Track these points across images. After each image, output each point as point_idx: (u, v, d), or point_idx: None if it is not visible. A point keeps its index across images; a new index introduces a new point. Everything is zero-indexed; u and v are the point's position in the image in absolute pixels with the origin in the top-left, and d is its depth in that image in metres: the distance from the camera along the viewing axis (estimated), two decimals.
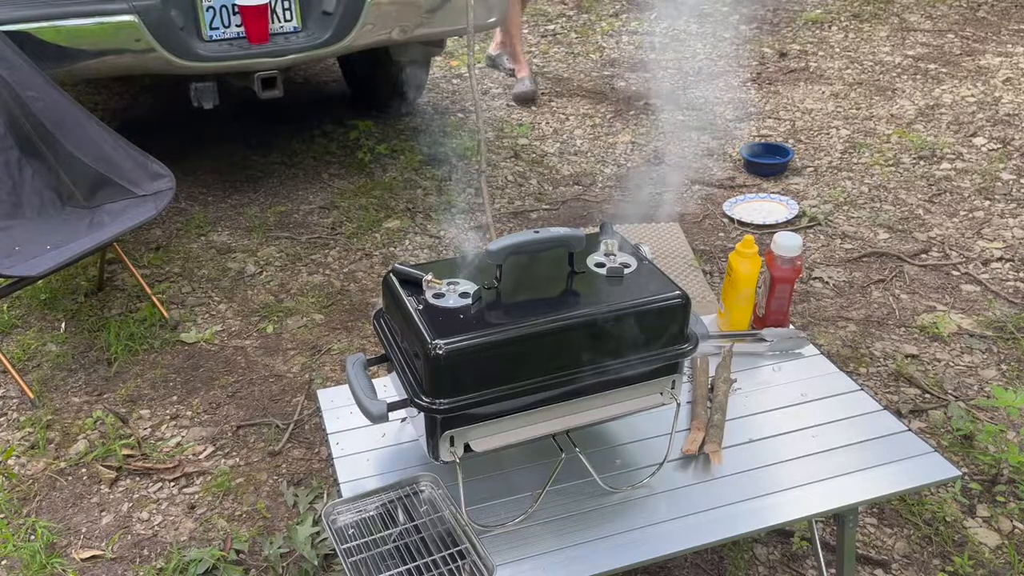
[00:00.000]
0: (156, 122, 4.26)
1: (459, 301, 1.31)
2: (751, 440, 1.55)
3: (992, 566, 1.90)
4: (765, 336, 1.80)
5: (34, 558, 1.96)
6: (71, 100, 2.66)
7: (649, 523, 1.38)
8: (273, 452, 2.25)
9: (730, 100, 4.52)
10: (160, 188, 2.66)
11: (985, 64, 4.86)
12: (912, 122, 4.19)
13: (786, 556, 1.92)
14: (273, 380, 2.52)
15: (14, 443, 2.31)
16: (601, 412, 1.37)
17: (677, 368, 1.39)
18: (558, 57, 5.30)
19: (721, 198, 3.52)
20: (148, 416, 2.40)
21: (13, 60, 2.59)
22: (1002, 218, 3.31)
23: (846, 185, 3.61)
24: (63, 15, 2.81)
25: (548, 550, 1.33)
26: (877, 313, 2.77)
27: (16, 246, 2.51)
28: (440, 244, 3.23)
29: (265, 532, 2.02)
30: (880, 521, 2.01)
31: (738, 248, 1.81)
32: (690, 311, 1.37)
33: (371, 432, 1.57)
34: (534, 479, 1.45)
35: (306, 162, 3.88)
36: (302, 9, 3.16)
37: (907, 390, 2.42)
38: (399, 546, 1.33)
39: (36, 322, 2.80)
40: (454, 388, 1.24)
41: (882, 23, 5.65)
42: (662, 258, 2.94)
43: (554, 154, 3.98)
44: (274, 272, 3.05)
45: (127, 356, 2.62)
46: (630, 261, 1.42)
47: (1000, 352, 2.57)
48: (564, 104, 4.57)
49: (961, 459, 2.18)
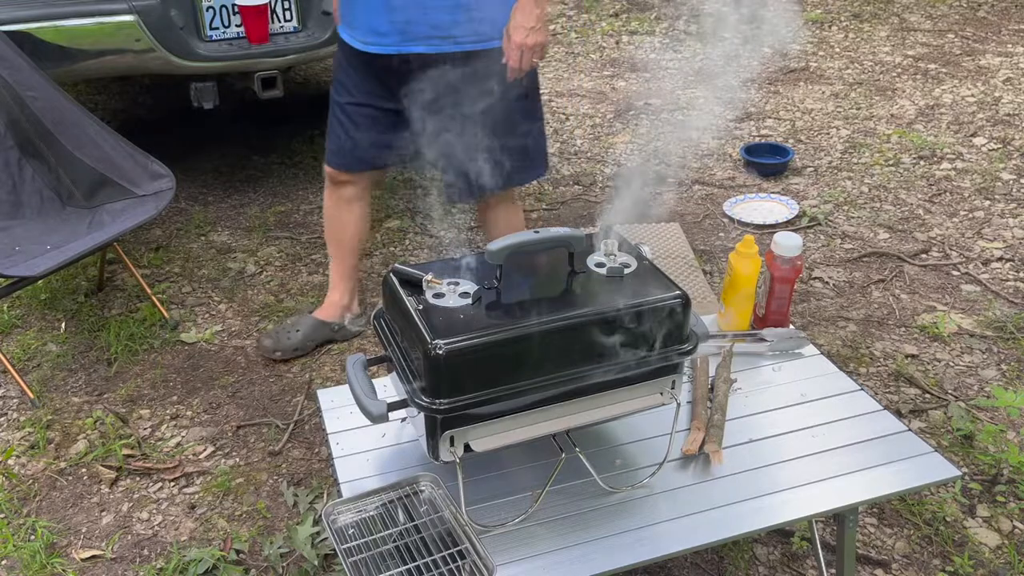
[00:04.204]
0: (156, 122, 4.26)
1: (459, 301, 1.31)
2: (751, 440, 1.55)
3: (992, 566, 1.90)
4: (765, 336, 1.80)
5: (34, 558, 1.96)
6: (71, 100, 2.66)
7: (649, 523, 1.38)
8: (273, 452, 2.25)
9: (730, 100, 4.52)
10: (160, 188, 2.66)
11: (985, 64, 4.86)
12: (912, 122, 4.19)
13: (786, 556, 1.92)
14: (273, 380, 2.52)
15: (14, 443, 2.31)
16: (601, 412, 1.37)
17: (677, 368, 1.39)
18: (558, 57, 5.30)
19: (721, 198, 3.52)
20: (148, 416, 2.40)
21: (13, 60, 2.59)
22: (1002, 218, 3.31)
23: (846, 185, 3.61)
24: (63, 15, 2.81)
25: (548, 550, 1.33)
26: (877, 313, 2.77)
27: (16, 246, 2.51)
28: (440, 244, 3.23)
29: (265, 532, 2.02)
30: (880, 521, 2.01)
31: (738, 248, 1.81)
32: (690, 311, 1.37)
33: (371, 432, 1.57)
34: (534, 479, 1.45)
35: (306, 162, 3.88)
36: (302, 9, 3.16)
37: (907, 390, 2.42)
38: (399, 546, 1.32)
39: (36, 322, 2.80)
40: (454, 388, 1.24)
41: (882, 23, 5.65)
42: (662, 258, 2.94)
43: (554, 154, 3.98)
44: (274, 272, 3.05)
45: (127, 356, 2.62)
46: (630, 261, 1.42)
47: (1000, 352, 2.57)
48: (564, 104, 4.57)
49: (961, 459, 2.18)
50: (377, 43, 2.14)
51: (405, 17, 2.07)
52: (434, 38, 2.08)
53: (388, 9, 2.08)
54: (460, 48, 2.08)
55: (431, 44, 2.09)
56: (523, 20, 2.02)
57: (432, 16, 2.06)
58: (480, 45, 2.09)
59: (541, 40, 2.08)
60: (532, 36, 2.04)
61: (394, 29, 2.09)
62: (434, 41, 2.08)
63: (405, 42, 2.10)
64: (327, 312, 2.63)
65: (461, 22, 2.06)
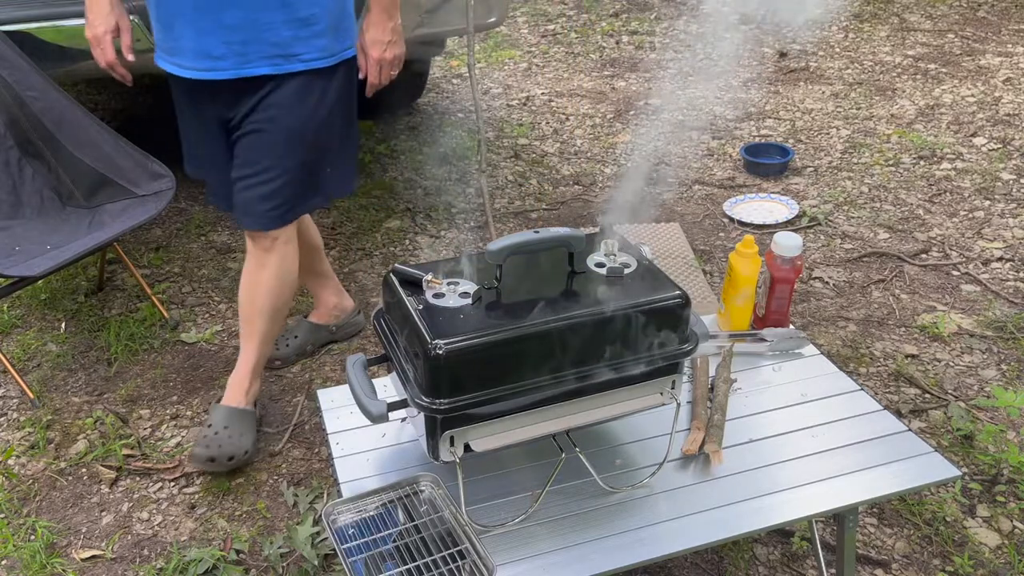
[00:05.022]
0: (156, 122, 4.25)
1: (459, 301, 1.31)
2: (751, 440, 1.55)
3: (992, 566, 1.90)
4: (765, 336, 1.80)
5: (34, 558, 1.96)
6: (71, 100, 2.66)
7: (649, 523, 1.38)
8: (273, 452, 2.25)
9: (730, 100, 4.52)
10: (160, 188, 2.66)
11: (985, 64, 4.86)
12: (912, 122, 4.19)
13: (786, 556, 1.92)
14: (273, 380, 2.52)
15: (14, 443, 2.31)
16: (601, 412, 1.37)
17: (677, 368, 1.39)
18: (558, 57, 5.30)
19: (721, 198, 3.52)
20: (148, 416, 2.40)
21: (13, 60, 2.59)
22: (1002, 218, 3.31)
23: (846, 185, 3.61)
24: (63, 15, 2.80)
25: (548, 550, 1.33)
26: (877, 313, 2.77)
27: (16, 246, 2.51)
28: (440, 244, 3.23)
29: (265, 532, 2.02)
30: (880, 521, 2.01)
31: (738, 248, 1.81)
32: (690, 311, 1.37)
33: (371, 432, 1.57)
34: (534, 479, 1.45)
35: None
36: None
37: (907, 390, 2.42)
38: (399, 546, 1.33)
39: (36, 322, 2.80)
40: (454, 388, 1.24)
41: (882, 23, 5.65)
42: (662, 258, 2.94)
43: (554, 154, 3.98)
44: None
45: (127, 356, 2.62)
46: (630, 261, 1.42)
47: (1000, 352, 2.57)
48: (564, 104, 4.57)
49: (961, 459, 2.18)
50: (212, 68, 1.91)
51: (243, 37, 1.87)
52: (276, 57, 1.89)
53: (221, 28, 1.86)
54: (307, 67, 1.93)
55: (274, 64, 1.90)
56: (378, 35, 1.97)
57: (272, 33, 1.87)
58: (325, 61, 1.95)
59: (398, 53, 2.04)
60: (390, 50, 2.00)
61: (231, 51, 1.88)
62: (276, 60, 1.90)
63: (245, 64, 1.90)
64: (321, 315, 2.61)
65: (304, 38, 1.90)
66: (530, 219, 3.41)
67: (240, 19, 1.85)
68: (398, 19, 1.99)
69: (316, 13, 1.89)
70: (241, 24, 1.85)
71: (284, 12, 1.86)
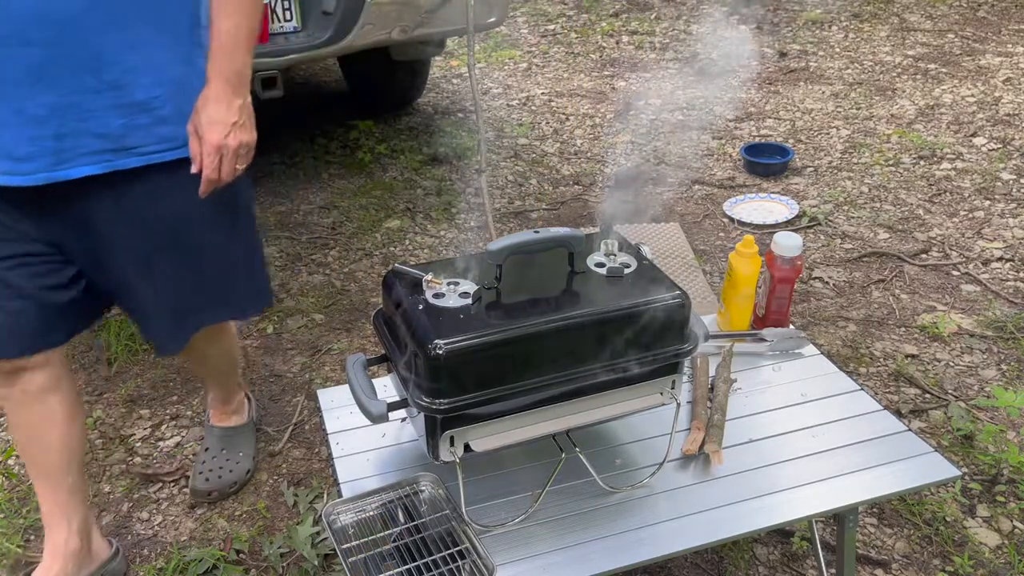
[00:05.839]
0: None
1: (459, 301, 1.31)
2: (751, 440, 1.55)
3: (992, 566, 1.90)
4: (765, 336, 1.80)
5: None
6: None
7: (649, 523, 1.38)
8: (273, 452, 2.25)
9: (730, 100, 4.52)
10: None
11: (985, 64, 4.86)
12: (912, 122, 4.19)
13: (786, 556, 1.92)
14: (273, 380, 2.52)
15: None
16: (601, 412, 1.37)
17: (677, 368, 1.39)
18: (558, 57, 5.30)
19: (721, 198, 3.52)
20: (148, 416, 2.40)
21: None
22: (1002, 218, 3.31)
23: (846, 185, 3.61)
24: None
25: (548, 550, 1.33)
26: (877, 313, 2.77)
27: None
28: (440, 244, 3.23)
29: (265, 532, 2.02)
30: (880, 521, 2.01)
31: (738, 248, 1.81)
32: (690, 311, 1.37)
33: (371, 432, 1.57)
34: (534, 479, 1.45)
35: (306, 162, 3.88)
36: (302, 9, 3.16)
37: (907, 390, 2.42)
38: (399, 546, 1.33)
39: None
40: (454, 388, 1.24)
41: (882, 23, 5.65)
42: (662, 258, 2.94)
43: (554, 154, 3.98)
44: (274, 272, 3.05)
45: (127, 356, 2.62)
46: (630, 261, 1.42)
47: (1000, 352, 2.57)
48: (564, 104, 4.58)
49: (961, 459, 2.18)
50: (15, 171, 1.44)
51: (56, 129, 1.42)
52: (105, 152, 1.47)
53: (27, 121, 1.41)
54: (143, 161, 1.51)
55: (102, 161, 1.48)
56: (220, 114, 1.45)
57: (98, 122, 1.45)
58: (169, 155, 1.52)
59: (247, 139, 1.50)
60: (235, 135, 1.47)
61: (41, 149, 1.43)
62: (106, 156, 1.47)
63: (60, 164, 1.45)
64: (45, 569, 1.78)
65: (141, 126, 1.48)
66: (530, 219, 3.41)
67: (50, 106, 1.41)
68: (247, 96, 1.51)
69: (158, 96, 1.48)
70: (52, 113, 1.41)
71: (113, 95, 1.44)
